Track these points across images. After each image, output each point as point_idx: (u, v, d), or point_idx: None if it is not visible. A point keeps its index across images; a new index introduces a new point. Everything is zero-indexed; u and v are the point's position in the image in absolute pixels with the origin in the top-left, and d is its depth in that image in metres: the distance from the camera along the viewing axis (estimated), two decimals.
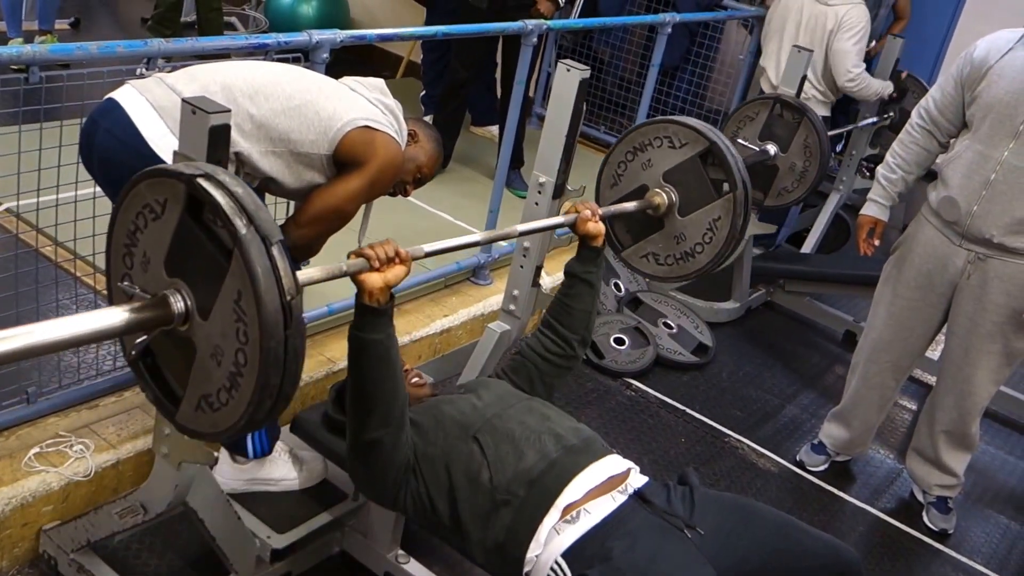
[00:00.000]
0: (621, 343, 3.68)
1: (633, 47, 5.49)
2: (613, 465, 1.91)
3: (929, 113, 2.83)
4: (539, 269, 2.44)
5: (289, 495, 2.38)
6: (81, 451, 2.27)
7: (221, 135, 1.56)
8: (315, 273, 1.60)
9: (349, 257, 1.69)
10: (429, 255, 1.82)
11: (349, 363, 1.78)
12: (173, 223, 1.41)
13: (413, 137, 2.43)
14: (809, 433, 3.49)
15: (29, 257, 2.38)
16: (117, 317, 1.36)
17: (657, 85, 4.46)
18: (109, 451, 2.31)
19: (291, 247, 1.43)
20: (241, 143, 2.14)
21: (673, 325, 3.91)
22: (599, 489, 1.85)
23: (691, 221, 2.40)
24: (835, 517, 3.09)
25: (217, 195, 1.33)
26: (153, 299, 1.42)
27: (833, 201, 4.78)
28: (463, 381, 2.49)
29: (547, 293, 2.43)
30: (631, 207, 2.38)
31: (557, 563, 1.77)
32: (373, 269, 1.68)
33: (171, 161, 1.66)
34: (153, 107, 2.12)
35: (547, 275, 2.34)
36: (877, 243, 3.02)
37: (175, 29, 5.12)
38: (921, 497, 3.20)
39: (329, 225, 2.33)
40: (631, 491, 1.88)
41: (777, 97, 3.63)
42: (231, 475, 2.34)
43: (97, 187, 2.25)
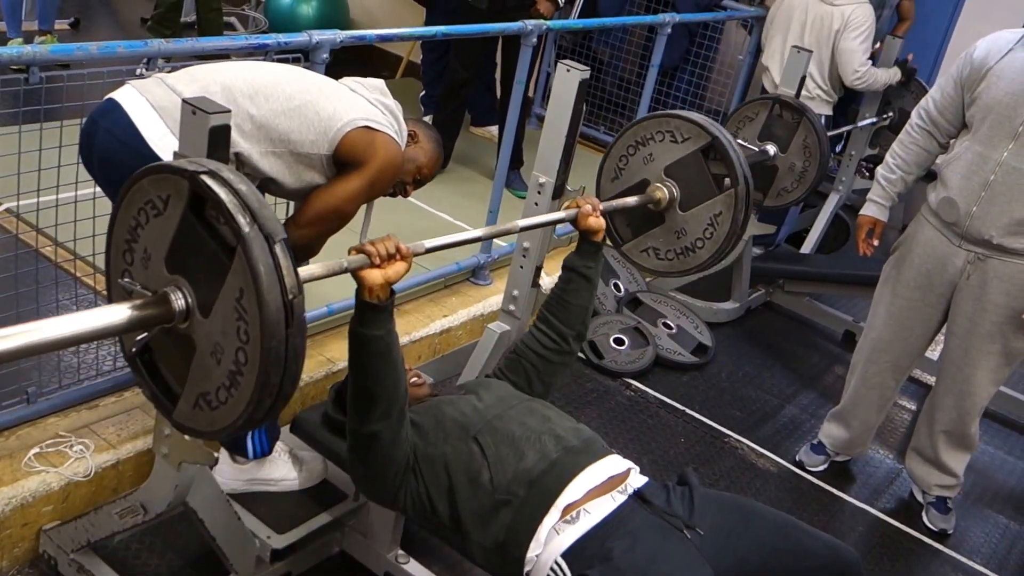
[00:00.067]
0: (621, 343, 3.68)
1: (633, 47, 5.49)
2: (613, 465, 1.91)
3: (929, 114, 2.83)
4: (539, 269, 2.44)
5: (289, 495, 2.38)
6: (81, 451, 2.27)
7: (221, 135, 1.57)
8: (316, 270, 1.59)
9: (350, 253, 1.69)
10: (430, 251, 1.81)
11: (350, 359, 1.78)
12: (175, 219, 1.40)
13: (413, 138, 2.44)
14: (808, 433, 3.49)
15: (29, 257, 2.38)
16: (118, 315, 1.35)
17: (656, 85, 4.47)
18: (109, 451, 2.31)
19: (291, 247, 1.43)
20: (241, 143, 2.15)
21: (672, 325, 3.91)
22: (599, 489, 1.85)
23: (692, 216, 2.40)
24: (834, 517, 3.09)
25: (221, 192, 1.33)
26: (154, 296, 1.42)
27: (832, 201, 4.78)
28: (463, 381, 2.49)
29: (547, 294, 2.43)
30: (632, 202, 2.38)
31: (557, 563, 1.77)
32: (374, 265, 1.68)
33: None
34: (153, 107, 2.12)
35: (547, 275, 2.34)
36: (876, 243, 3.02)
37: (175, 29, 5.12)
38: (920, 497, 3.20)
39: (329, 225, 2.33)
40: (631, 491, 1.88)
41: (776, 97, 3.63)
42: (231, 475, 2.34)
43: (97, 187, 2.25)
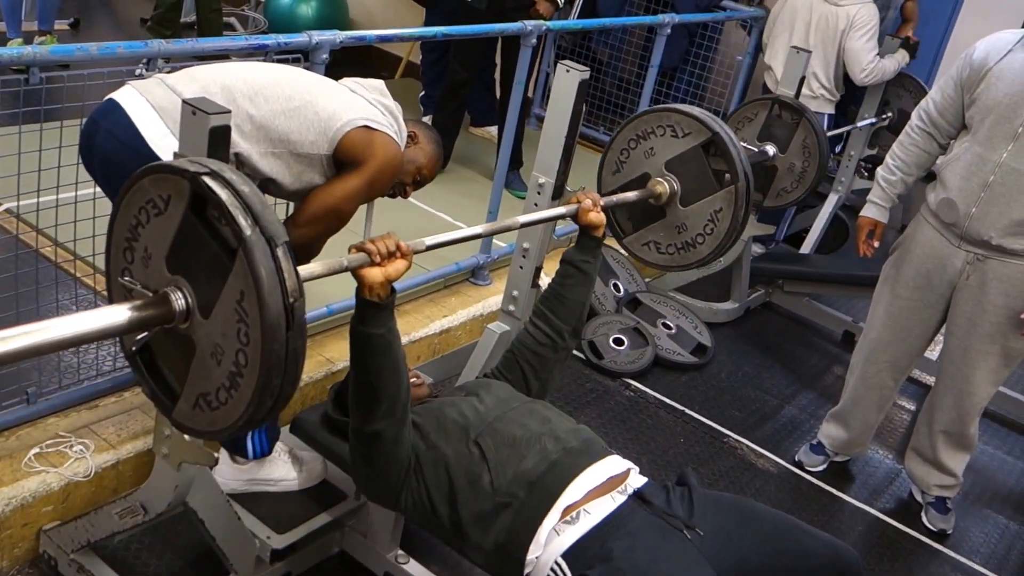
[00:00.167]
0: (620, 343, 3.68)
1: (632, 48, 5.49)
2: (613, 466, 1.91)
3: (929, 115, 2.83)
4: (539, 270, 2.44)
5: (289, 495, 2.38)
6: (81, 451, 2.27)
7: (221, 136, 1.56)
8: (316, 268, 1.59)
9: (350, 251, 1.69)
10: (430, 248, 1.81)
11: (351, 358, 1.78)
12: (176, 220, 1.40)
13: (413, 139, 2.44)
14: (808, 433, 3.49)
15: (29, 258, 2.37)
16: (119, 316, 1.35)
17: (656, 86, 4.47)
18: (109, 451, 2.31)
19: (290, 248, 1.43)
20: (241, 144, 2.15)
21: (672, 325, 3.92)
22: (599, 490, 1.85)
23: (693, 211, 2.40)
24: (834, 517, 3.09)
25: (222, 194, 1.32)
26: (154, 296, 1.42)
27: (832, 202, 4.78)
28: (462, 382, 2.49)
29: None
30: (632, 197, 2.38)
31: (557, 563, 1.77)
32: (374, 263, 1.68)
33: None
34: (153, 108, 2.12)
35: (546, 276, 2.34)
36: (877, 244, 3.03)
37: (175, 30, 5.12)
38: (920, 497, 3.20)
39: (328, 225, 2.33)
40: (631, 492, 1.88)
41: (776, 98, 3.64)
42: (231, 475, 2.34)
43: (97, 188, 2.25)
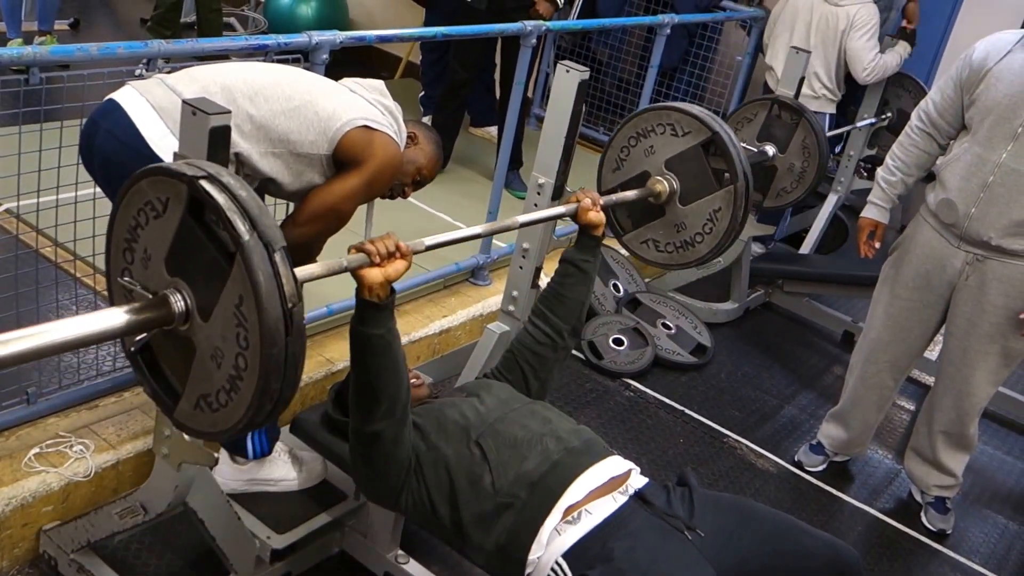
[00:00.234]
0: (620, 344, 3.68)
1: (632, 48, 5.49)
2: (614, 466, 1.91)
3: (928, 115, 2.83)
4: (538, 270, 2.44)
5: (289, 495, 2.38)
6: (81, 451, 2.27)
7: (221, 136, 1.56)
8: (315, 269, 1.59)
9: (350, 252, 1.69)
10: (430, 248, 1.81)
11: (351, 358, 1.78)
12: (175, 223, 1.40)
13: (413, 139, 2.44)
14: (808, 433, 3.49)
15: (29, 258, 2.37)
16: (118, 318, 1.35)
17: (656, 86, 4.46)
18: (109, 451, 2.31)
19: (289, 247, 1.42)
20: (241, 144, 2.15)
21: (672, 326, 3.92)
22: (600, 490, 1.85)
23: (692, 210, 2.40)
24: (833, 517, 3.10)
25: (219, 198, 1.32)
26: (154, 299, 1.42)
27: (831, 202, 4.79)
28: (462, 382, 2.49)
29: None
30: (632, 196, 2.39)
31: (558, 563, 1.77)
32: (373, 264, 1.67)
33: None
34: (153, 108, 2.12)
35: (546, 276, 2.34)
36: (878, 245, 3.03)
37: (175, 30, 5.12)
38: (919, 497, 3.20)
39: (327, 224, 2.33)
40: (632, 492, 1.88)
41: (775, 98, 3.64)
42: (231, 475, 2.34)
43: (97, 188, 2.25)
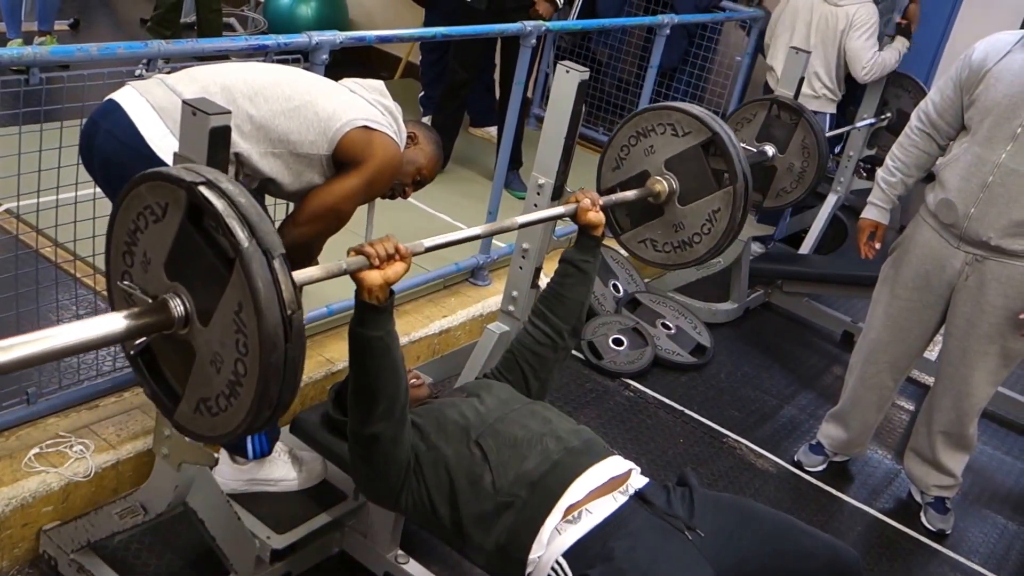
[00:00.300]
0: (620, 344, 3.68)
1: (631, 48, 5.49)
2: (614, 466, 1.91)
3: (928, 116, 2.83)
4: (538, 270, 2.45)
5: (289, 495, 2.38)
6: (81, 451, 2.27)
7: (221, 136, 1.57)
8: (315, 272, 1.59)
9: (349, 254, 1.69)
10: (429, 250, 1.81)
11: (350, 360, 1.78)
12: (174, 228, 1.40)
13: (413, 139, 2.44)
14: (807, 433, 3.49)
15: (29, 258, 2.37)
16: (118, 324, 1.35)
17: (655, 86, 4.47)
18: (109, 451, 2.31)
19: (289, 247, 1.42)
20: (241, 144, 2.15)
21: (671, 326, 3.92)
22: (601, 490, 1.85)
23: (691, 210, 2.40)
24: (833, 517, 3.10)
25: (218, 204, 1.32)
26: (153, 303, 1.42)
27: (831, 202, 4.79)
28: (462, 382, 2.49)
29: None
30: (631, 196, 2.39)
31: (558, 563, 1.77)
32: (373, 266, 1.67)
33: (171, 162, 1.67)
34: (153, 108, 2.12)
35: (546, 276, 2.35)
36: (878, 246, 3.03)
37: (175, 30, 5.13)
38: (919, 497, 3.20)
39: (327, 224, 2.33)
40: (632, 492, 1.88)
41: (775, 98, 3.64)
42: (231, 475, 2.34)
43: (97, 188, 2.25)
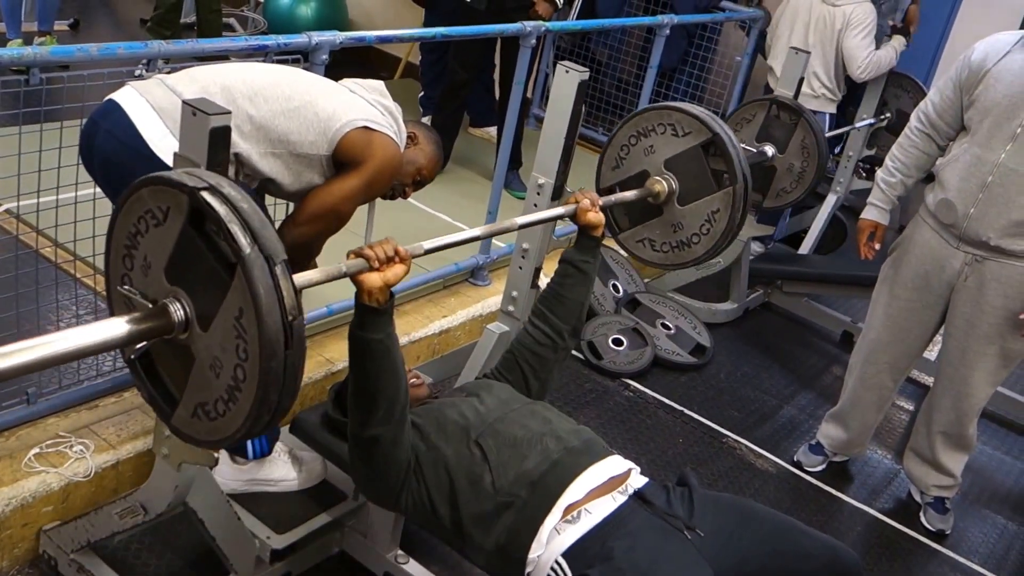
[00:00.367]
0: (619, 344, 3.69)
1: (631, 48, 5.49)
2: (614, 466, 1.92)
3: (928, 117, 2.84)
4: (538, 270, 2.45)
5: (289, 495, 2.38)
6: (81, 452, 2.27)
7: (221, 136, 1.57)
8: (314, 275, 1.59)
9: (348, 257, 1.69)
10: (429, 252, 1.81)
11: (350, 362, 1.78)
12: (175, 232, 1.39)
13: (413, 139, 2.45)
14: (807, 433, 3.49)
15: (29, 258, 2.38)
16: (119, 328, 1.35)
17: (655, 87, 4.47)
18: (109, 452, 2.31)
19: (289, 247, 1.42)
20: (240, 144, 2.15)
21: (671, 326, 3.92)
22: (600, 489, 1.85)
23: (690, 211, 2.41)
24: (833, 517, 3.10)
25: (221, 210, 1.32)
26: (154, 308, 1.42)
27: (830, 202, 4.79)
28: (462, 382, 2.50)
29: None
30: (631, 196, 2.39)
31: (558, 563, 1.77)
32: (372, 269, 1.67)
33: (171, 162, 1.67)
34: (153, 108, 2.13)
35: (546, 276, 2.35)
36: (878, 247, 3.03)
37: (175, 31, 5.13)
38: (919, 497, 3.20)
39: (327, 224, 2.34)
40: (631, 492, 1.88)
41: (774, 98, 3.64)
42: (231, 475, 2.34)
43: (97, 188, 2.26)
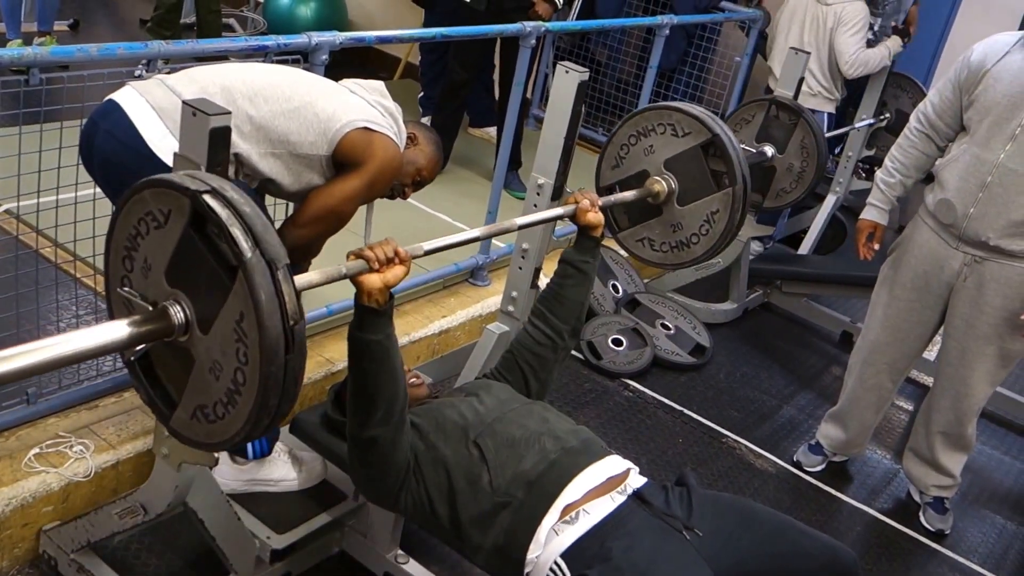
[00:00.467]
0: (619, 344, 3.69)
1: (631, 49, 5.50)
2: (612, 466, 1.92)
3: (927, 117, 2.84)
4: (538, 271, 2.45)
5: (289, 495, 2.38)
6: (81, 452, 2.27)
7: (221, 137, 1.57)
8: (314, 277, 1.59)
9: (348, 258, 1.69)
10: (428, 253, 1.82)
11: (349, 363, 1.78)
12: (176, 235, 1.39)
13: (412, 140, 2.45)
14: (806, 434, 3.50)
15: (29, 259, 2.38)
16: (120, 331, 1.36)
17: (655, 87, 4.47)
18: (109, 452, 2.31)
19: (290, 248, 1.42)
20: (240, 144, 2.15)
21: (671, 326, 3.92)
22: (598, 490, 1.86)
23: (689, 211, 2.41)
24: (832, 517, 3.10)
25: (223, 214, 1.31)
26: (154, 311, 1.42)
27: (830, 202, 4.79)
28: (462, 383, 2.50)
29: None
30: (630, 196, 2.39)
31: (556, 563, 1.77)
32: (372, 270, 1.67)
33: (171, 163, 1.67)
34: (153, 108, 2.13)
35: (545, 276, 2.35)
36: (877, 247, 3.03)
37: (174, 31, 5.13)
38: (918, 497, 3.21)
39: (328, 225, 2.34)
40: (630, 492, 1.88)
41: (773, 99, 3.65)
42: (231, 475, 2.34)
43: (97, 188, 2.26)
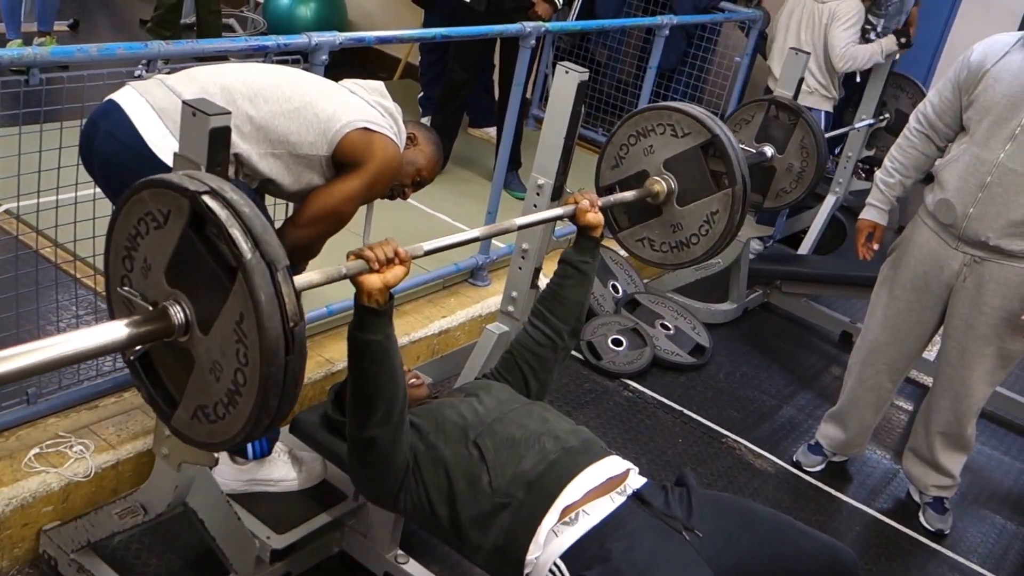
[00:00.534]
0: (619, 344, 3.69)
1: (630, 49, 5.50)
2: (612, 466, 1.92)
3: (927, 117, 2.84)
4: (538, 271, 2.45)
5: (289, 495, 2.38)
6: (81, 452, 2.27)
7: (221, 137, 1.57)
8: (314, 277, 1.59)
9: (348, 258, 1.69)
10: (428, 253, 1.82)
11: (349, 363, 1.78)
12: (176, 235, 1.39)
13: (412, 140, 2.45)
14: (806, 434, 3.50)
15: (29, 259, 2.38)
16: (118, 332, 1.36)
17: (654, 87, 4.47)
18: (109, 452, 2.31)
19: (290, 248, 1.42)
20: (240, 145, 2.16)
21: (670, 326, 3.92)
22: (598, 490, 1.86)
23: (689, 211, 2.41)
24: (832, 517, 3.10)
25: (222, 215, 1.31)
26: (154, 311, 1.42)
27: (830, 203, 4.79)
28: (461, 383, 2.50)
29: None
30: (630, 196, 2.40)
31: (556, 564, 1.77)
32: (372, 270, 1.67)
33: (171, 163, 1.67)
34: (153, 108, 2.13)
35: (545, 277, 2.35)
36: (876, 247, 3.03)
37: (174, 31, 5.13)
38: (917, 497, 3.21)
39: (328, 226, 2.34)
40: (630, 492, 1.88)
41: (773, 99, 3.65)
42: (231, 475, 2.34)
43: (97, 188, 2.26)
